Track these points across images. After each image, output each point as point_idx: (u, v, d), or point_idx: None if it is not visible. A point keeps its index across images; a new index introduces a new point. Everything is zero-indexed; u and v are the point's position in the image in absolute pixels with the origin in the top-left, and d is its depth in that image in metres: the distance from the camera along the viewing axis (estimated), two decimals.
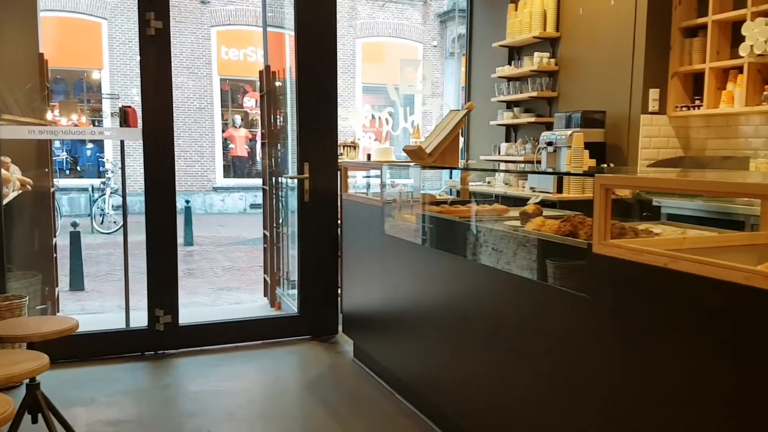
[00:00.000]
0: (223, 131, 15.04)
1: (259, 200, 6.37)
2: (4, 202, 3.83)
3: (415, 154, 3.40)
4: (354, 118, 6.22)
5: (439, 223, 2.98)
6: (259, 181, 6.23)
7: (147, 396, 3.46)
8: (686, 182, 1.95)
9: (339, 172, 4.35)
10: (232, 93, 15.26)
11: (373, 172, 4.92)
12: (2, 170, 3.91)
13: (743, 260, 1.55)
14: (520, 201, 4.54)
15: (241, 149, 15.15)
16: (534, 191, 4.82)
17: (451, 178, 6.09)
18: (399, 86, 6.16)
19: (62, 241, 5.79)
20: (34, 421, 2.61)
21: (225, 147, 15.06)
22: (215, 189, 14.85)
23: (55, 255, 4.75)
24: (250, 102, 15.11)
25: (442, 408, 2.92)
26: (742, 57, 4.01)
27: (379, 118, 6.28)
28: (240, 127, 15.15)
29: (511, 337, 2.36)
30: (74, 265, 6.55)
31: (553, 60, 5.52)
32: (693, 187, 2.00)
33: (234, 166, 15.26)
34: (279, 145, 5.35)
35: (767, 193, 1.75)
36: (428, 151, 3.33)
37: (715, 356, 1.55)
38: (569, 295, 2.04)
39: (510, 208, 3.11)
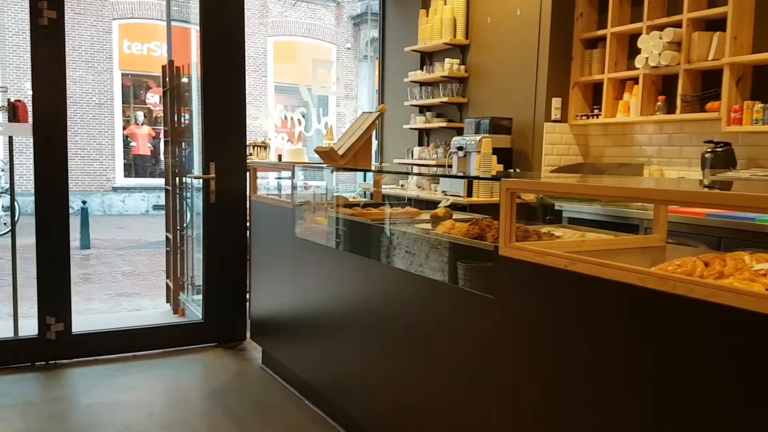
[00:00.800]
0: (124, 128, 14.34)
1: (163, 201, 6.11)
2: None
3: (327, 155, 3.35)
4: (265, 118, 6.09)
5: (351, 225, 2.95)
6: (162, 181, 5.97)
7: (36, 410, 3.21)
8: (585, 187, 2.02)
9: (248, 173, 4.24)
10: (134, 89, 14.59)
11: (285, 174, 4.82)
12: None
13: (638, 262, 1.62)
14: (433, 204, 4.59)
15: (143, 147, 14.50)
16: (445, 194, 4.90)
17: (365, 180, 6.09)
18: (312, 87, 6.08)
19: None
20: None
21: (126, 145, 14.36)
22: (115, 189, 14.13)
23: None
24: (154, 98, 14.50)
25: (353, 413, 2.88)
26: (638, 68, 4.25)
27: (291, 118, 6.18)
28: (142, 124, 14.49)
29: (422, 340, 2.36)
30: None
31: (463, 67, 5.63)
32: (591, 192, 2.07)
33: (136, 165, 14.58)
34: (184, 143, 5.15)
35: (659, 198, 1.84)
36: (340, 152, 3.29)
37: (614, 355, 1.60)
38: (477, 297, 2.07)
39: (422, 211, 3.12)
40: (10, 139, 4.03)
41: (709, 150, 3.81)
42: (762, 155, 3.75)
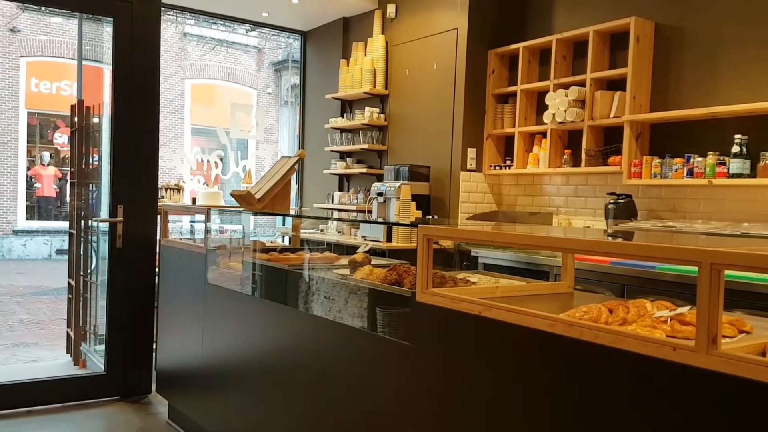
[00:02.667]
0: (28, 169, 13.59)
1: (67, 245, 5.79)
2: None
3: (244, 199, 3.29)
4: (180, 160, 5.94)
5: (267, 271, 2.89)
6: (67, 224, 5.68)
7: None
8: (498, 235, 2.08)
9: (159, 217, 4.09)
10: (41, 128, 13.92)
11: (199, 217, 4.69)
12: None
13: (547, 309, 1.66)
14: (352, 249, 4.59)
15: (48, 189, 13.76)
16: (365, 239, 4.91)
17: (284, 225, 6.02)
18: (230, 130, 6.01)
19: None
20: None
21: (30, 186, 13.59)
22: (16, 232, 13.27)
23: None
24: (62, 138, 13.87)
25: None
26: (546, 124, 4.47)
27: (208, 161, 6.07)
28: (48, 164, 13.80)
29: (339, 389, 2.31)
30: None
31: (382, 115, 5.74)
32: (504, 240, 2.13)
33: (39, 208, 13.78)
34: (92, 185, 4.92)
35: (566, 247, 1.91)
36: (258, 196, 3.24)
37: (527, 398, 1.62)
38: (395, 343, 2.05)
39: (341, 256, 3.10)
40: None
41: (612, 201, 4.03)
42: (660, 207, 4.00)
